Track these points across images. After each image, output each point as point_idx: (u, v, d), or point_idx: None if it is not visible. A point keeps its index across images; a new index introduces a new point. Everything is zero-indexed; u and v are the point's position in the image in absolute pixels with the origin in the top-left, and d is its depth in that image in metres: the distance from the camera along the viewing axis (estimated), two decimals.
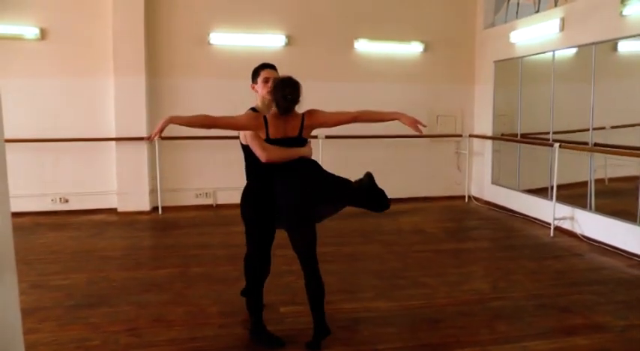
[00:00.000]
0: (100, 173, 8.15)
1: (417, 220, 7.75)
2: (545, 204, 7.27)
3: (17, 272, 2.52)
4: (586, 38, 6.56)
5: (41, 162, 7.93)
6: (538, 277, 5.22)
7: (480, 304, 4.47)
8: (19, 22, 7.60)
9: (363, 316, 4.20)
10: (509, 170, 8.47)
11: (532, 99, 7.94)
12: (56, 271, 5.34)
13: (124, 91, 7.83)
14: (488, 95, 8.83)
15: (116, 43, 7.82)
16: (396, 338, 3.84)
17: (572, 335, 3.87)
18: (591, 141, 6.52)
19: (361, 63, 8.79)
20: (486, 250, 6.37)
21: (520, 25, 7.94)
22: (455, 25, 9.12)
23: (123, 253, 6.09)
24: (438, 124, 9.12)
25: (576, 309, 4.36)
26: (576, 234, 6.64)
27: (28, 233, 6.80)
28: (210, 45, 8.23)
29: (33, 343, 3.58)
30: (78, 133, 7.87)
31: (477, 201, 9.02)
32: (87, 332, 3.91)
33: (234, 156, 2.77)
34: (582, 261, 5.82)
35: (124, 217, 7.88)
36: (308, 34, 8.57)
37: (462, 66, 9.22)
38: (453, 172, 9.34)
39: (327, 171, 3.64)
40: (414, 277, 5.12)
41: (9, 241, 2.44)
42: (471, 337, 3.84)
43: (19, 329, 2.55)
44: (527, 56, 7.86)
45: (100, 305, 4.42)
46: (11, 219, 2.46)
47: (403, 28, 8.88)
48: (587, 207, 6.61)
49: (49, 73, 7.79)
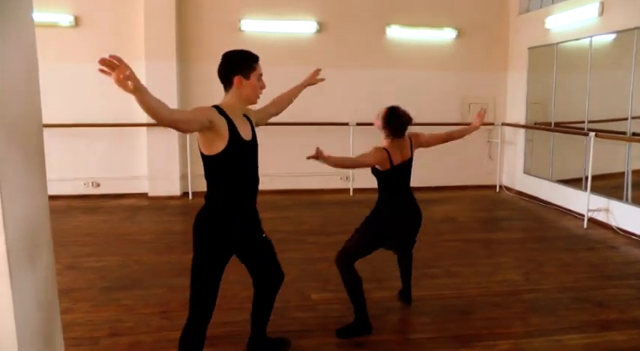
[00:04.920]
0: (131, 158, 8.26)
1: (448, 209, 7.66)
2: (579, 195, 7.12)
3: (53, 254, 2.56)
4: (627, 23, 6.36)
5: (74, 147, 8.06)
6: (571, 269, 5.12)
7: (512, 296, 4.40)
8: (54, 10, 7.74)
9: (393, 305, 4.18)
10: (542, 160, 8.31)
11: (567, 87, 7.75)
12: (90, 253, 5.44)
13: (156, 77, 7.87)
14: (522, 83, 8.65)
15: (148, 29, 7.87)
16: (427, 328, 3.81)
17: (608, 330, 3.80)
18: (629, 130, 6.34)
19: (393, 50, 8.68)
20: (518, 241, 6.28)
21: (556, 10, 7.73)
22: (489, 11, 8.95)
23: (154, 237, 6.17)
24: (470, 112, 8.98)
25: (612, 303, 4.26)
26: (611, 226, 6.49)
27: (63, 216, 6.93)
28: (242, 31, 8.23)
29: (69, 323, 3.65)
30: (110, 118, 7.97)
31: (509, 191, 8.88)
32: (120, 314, 3.99)
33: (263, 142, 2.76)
34: (617, 254, 5.69)
35: (155, 201, 7.97)
36: (339, 21, 8.50)
37: (496, 53, 9.05)
38: (485, 161, 9.21)
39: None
40: (445, 267, 5.07)
41: (46, 224, 2.48)
42: (504, 330, 3.79)
43: (57, 308, 2.61)
44: (563, 42, 7.66)
45: (132, 288, 4.50)
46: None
47: (436, 14, 8.74)
48: (624, 198, 6.45)
49: (83, 59, 7.85)
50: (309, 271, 4.92)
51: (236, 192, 2.81)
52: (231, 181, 2.78)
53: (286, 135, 8.10)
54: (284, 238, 5.99)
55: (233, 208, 2.81)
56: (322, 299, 4.27)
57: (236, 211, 2.82)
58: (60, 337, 2.62)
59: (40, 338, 2.33)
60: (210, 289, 2.83)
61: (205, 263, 2.80)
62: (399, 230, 3.78)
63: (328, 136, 8.43)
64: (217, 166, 2.73)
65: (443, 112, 8.70)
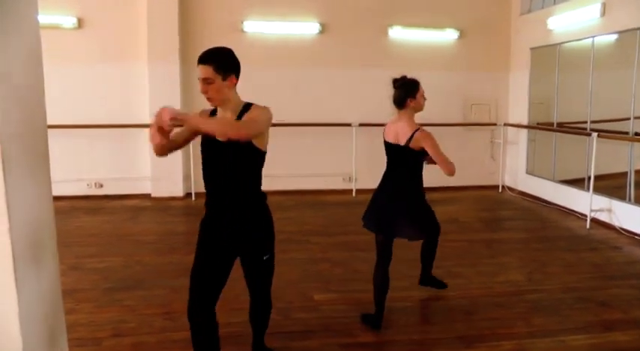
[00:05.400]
0: (134, 159, 8.27)
1: (451, 209, 7.66)
2: (581, 195, 7.11)
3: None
4: (629, 23, 6.35)
5: (78, 147, 8.06)
6: (574, 269, 5.11)
7: (515, 296, 4.40)
8: (58, 11, 7.75)
9: (397, 305, 4.17)
10: (544, 160, 8.30)
11: (569, 87, 7.74)
12: (93, 254, 5.45)
13: (158, 78, 7.90)
14: (524, 83, 8.65)
15: (150, 30, 7.89)
16: (431, 329, 3.82)
17: (611, 330, 3.79)
18: (632, 130, 6.33)
19: (395, 50, 8.69)
20: (521, 241, 6.27)
21: (558, 11, 7.73)
22: (490, 12, 8.94)
23: (157, 237, 6.18)
24: (473, 112, 8.98)
25: (615, 303, 4.26)
26: (614, 226, 6.49)
27: (66, 217, 6.94)
28: (244, 33, 8.24)
29: (72, 324, 3.65)
30: (113, 119, 7.98)
31: (511, 191, 8.88)
32: (123, 314, 3.99)
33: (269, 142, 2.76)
34: (620, 254, 5.68)
35: (158, 202, 7.99)
36: (342, 22, 8.51)
37: (498, 53, 9.04)
38: (487, 162, 9.21)
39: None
40: (448, 267, 5.06)
41: (51, 225, 2.48)
42: (507, 330, 3.79)
43: (61, 309, 2.61)
44: (565, 43, 7.66)
45: (135, 288, 4.50)
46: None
47: (437, 14, 8.74)
48: (627, 198, 6.44)
49: (85, 61, 7.92)
50: (312, 271, 4.92)
51: (207, 189, 2.85)
52: (204, 177, 2.84)
53: (289, 136, 8.10)
54: (287, 239, 5.99)
55: (208, 203, 2.85)
56: (325, 300, 4.27)
57: (218, 207, 2.82)
58: (64, 337, 2.63)
59: (44, 339, 2.34)
60: (195, 280, 2.85)
61: (197, 253, 2.87)
62: (373, 211, 3.81)
63: (331, 136, 8.45)
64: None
65: (445, 112, 8.69)
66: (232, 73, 2.68)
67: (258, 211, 2.86)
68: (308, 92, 8.50)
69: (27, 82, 2.24)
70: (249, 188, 2.82)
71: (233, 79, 2.69)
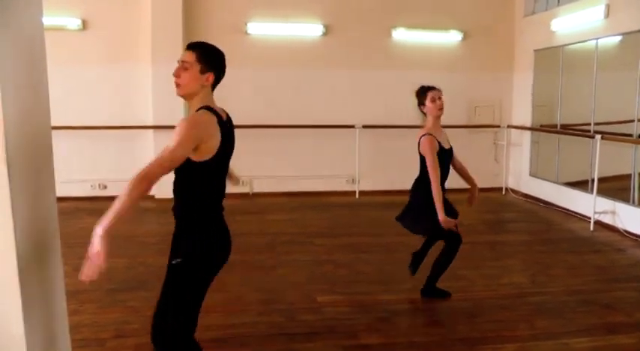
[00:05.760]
0: (138, 160, 8.13)
1: None
2: (585, 197, 7.09)
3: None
4: (633, 25, 6.33)
5: (82, 149, 8.07)
6: (578, 272, 5.10)
7: (519, 299, 4.39)
8: (62, 13, 7.78)
9: (400, 307, 4.17)
10: (548, 162, 8.28)
11: (573, 89, 7.73)
12: None
13: (162, 80, 7.86)
14: (528, 85, 8.63)
15: (154, 32, 7.89)
16: (433, 331, 3.81)
17: (615, 333, 3.78)
18: (635, 132, 6.32)
19: (399, 52, 8.69)
20: (524, 244, 6.26)
21: (562, 13, 7.72)
22: (494, 13, 8.94)
23: (160, 239, 6.13)
24: (476, 114, 8.97)
25: (619, 306, 4.24)
26: (618, 228, 6.47)
27: (70, 217, 6.93)
28: (248, 34, 8.25)
29: (75, 324, 3.65)
30: (117, 120, 7.99)
31: (515, 193, 8.86)
32: (126, 315, 4.00)
33: (270, 144, 2.75)
34: (624, 256, 5.67)
35: (162, 204, 7.89)
36: (345, 24, 8.50)
37: (501, 55, 9.03)
38: (491, 164, 9.19)
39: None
40: (452, 269, 5.00)
41: (55, 226, 2.49)
42: (511, 332, 3.78)
43: (65, 310, 2.62)
44: (568, 45, 7.65)
45: (138, 289, 4.50)
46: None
47: (441, 16, 8.73)
48: (630, 201, 6.43)
49: (90, 62, 7.94)
50: (316, 273, 4.92)
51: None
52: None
53: (292, 137, 8.10)
54: (290, 240, 6.01)
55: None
56: (329, 302, 4.27)
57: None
58: (67, 338, 2.63)
59: (48, 339, 2.34)
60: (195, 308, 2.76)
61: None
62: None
63: (334, 138, 8.44)
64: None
65: (449, 114, 8.52)
66: (212, 72, 2.53)
67: (193, 224, 2.70)
68: (311, 94, 8.50)
69: (31, 83, 2.25)
70: (189, 202, 2.70)
71: (210, 78, 2.54)
